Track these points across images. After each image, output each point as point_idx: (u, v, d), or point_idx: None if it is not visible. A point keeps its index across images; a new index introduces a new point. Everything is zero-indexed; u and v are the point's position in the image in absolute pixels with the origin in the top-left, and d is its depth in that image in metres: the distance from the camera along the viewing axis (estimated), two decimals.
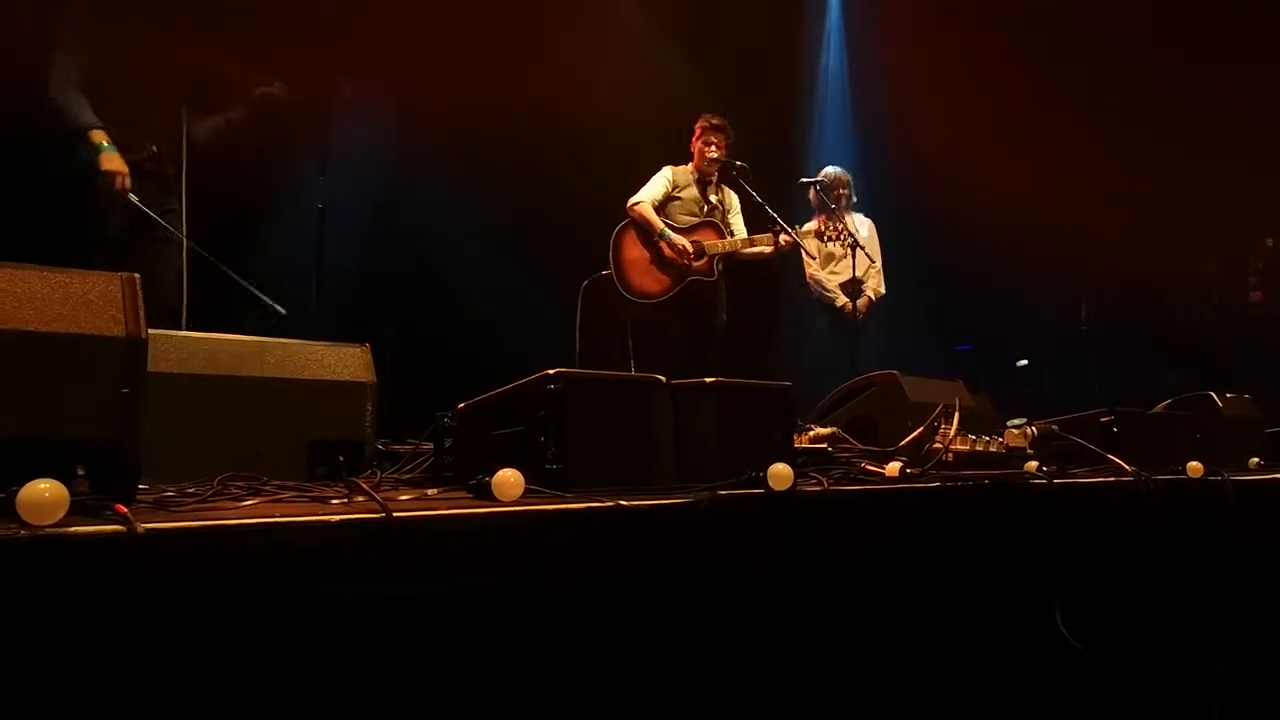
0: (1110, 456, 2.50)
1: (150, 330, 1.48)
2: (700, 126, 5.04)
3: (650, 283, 4.87)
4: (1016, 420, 2.58)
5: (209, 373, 1.96)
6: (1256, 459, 3.17)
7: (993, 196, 6.08)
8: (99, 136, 3.49)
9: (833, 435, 2.60)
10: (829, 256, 5.56)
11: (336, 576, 1.31)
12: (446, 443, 2.06)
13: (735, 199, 5.14)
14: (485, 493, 1.60)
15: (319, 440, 2.04)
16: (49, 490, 1.15)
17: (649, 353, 4.83)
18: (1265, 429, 3.51)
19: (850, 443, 2.56)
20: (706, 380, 2.08)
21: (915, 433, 2.39)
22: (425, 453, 2.19)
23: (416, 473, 2.15)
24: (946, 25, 6.58)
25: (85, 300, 1.44)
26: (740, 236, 4.99)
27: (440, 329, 5.47)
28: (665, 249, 4.86)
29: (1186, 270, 7.00)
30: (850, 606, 1.89)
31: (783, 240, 4.81)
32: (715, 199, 5.04)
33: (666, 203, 4.97)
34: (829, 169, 5.74)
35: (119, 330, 1.44)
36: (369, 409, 2.15)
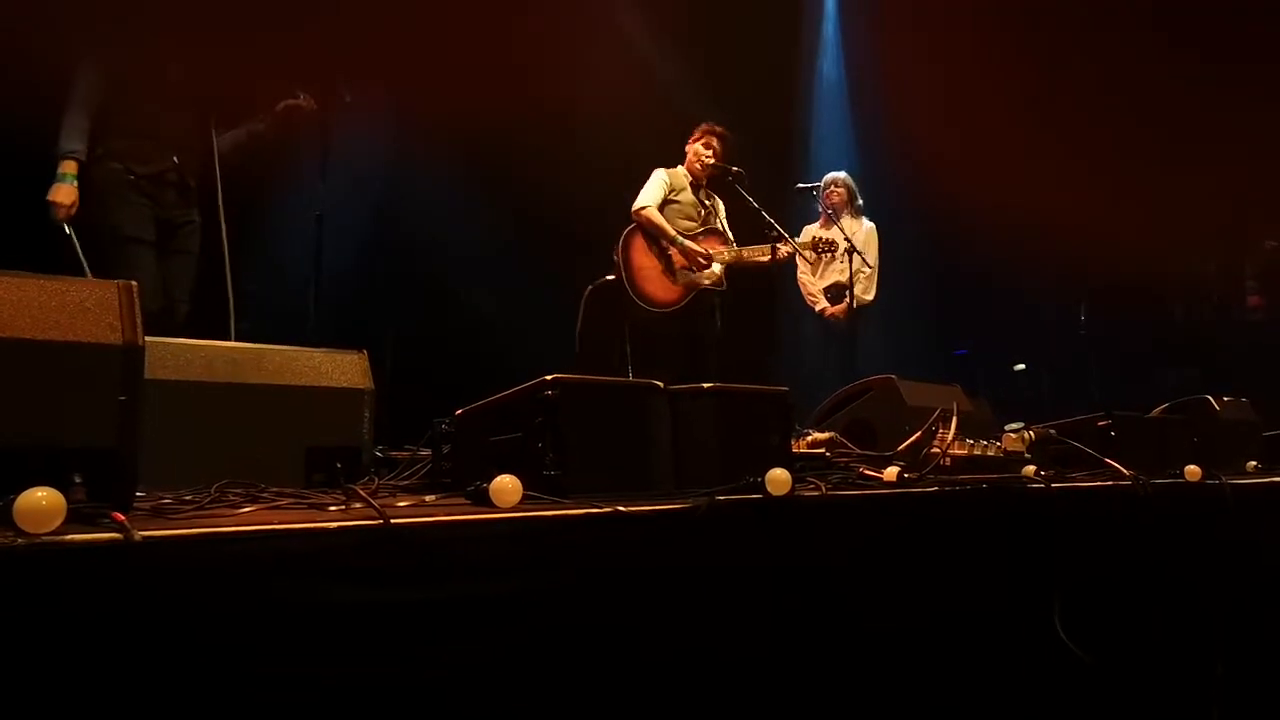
0: (1108, 460, 2.51)
1: (147, 338, 1.48)
2: (701, 129, 4.99)
3: (660, 291, 4.79)
4: (1014, 424, 2.59)
5: (206, 380, 1.96)
6: (1254, 462, 3.19)
7: (990, 199, 6.07)
8: (68, 167, 3.50)
9: (830, 440, 2.60)
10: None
11: (334, 583, 1.31)
12: (444, 449, 2.06)
13: (721, 205, 5.08)
14: (483, 499, 1.60)
15: (317, 447, 2.04)
16: (46, 498, 1.15)
17: (647, 358, 4.76)
18: (1263, 432, 3.51)
19: (848, 447, 2.57)
20: (704, 385, 2.09)
21: (913, 437, 2.40)
22: (423, 459, 2.20)
23: (414, 479, 2.15)
24: (943, 28, 6.58)
25: (82, 308, 1.44)
26: (745, 247, 4.91)
27: (439, 332, 5.45)
28: (677, 256, 4.80)
29: (1186, 271, 7.00)
30: (848, 611, 1.89)
31: (781, 253, 4.72)
32: (708, 203, 5.01)
33: (663, 206, 4.89)
34: (829, 175, 5.75)
35: (116, 338, 1.44)
36: (366, 415, 2.15)
